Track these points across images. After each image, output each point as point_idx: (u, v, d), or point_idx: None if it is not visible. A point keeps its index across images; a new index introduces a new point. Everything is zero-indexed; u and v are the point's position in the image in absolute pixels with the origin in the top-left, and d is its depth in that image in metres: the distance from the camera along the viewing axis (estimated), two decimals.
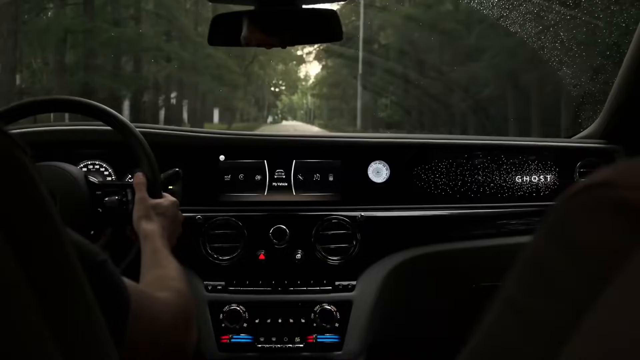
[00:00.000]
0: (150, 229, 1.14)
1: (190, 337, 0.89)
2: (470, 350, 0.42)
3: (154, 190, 1.25)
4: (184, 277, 1.02)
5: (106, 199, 1.31)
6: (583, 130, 1.88)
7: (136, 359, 0.70)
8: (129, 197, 1.31)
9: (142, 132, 1.33)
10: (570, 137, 1.92)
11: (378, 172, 1.63)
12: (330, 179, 1.60)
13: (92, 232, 1.30)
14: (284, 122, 36.74)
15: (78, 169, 1.35)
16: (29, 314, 0.43)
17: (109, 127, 1.32)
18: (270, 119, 35.91)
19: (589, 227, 0.33)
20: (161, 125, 1.63)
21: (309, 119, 38.26)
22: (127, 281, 0.73)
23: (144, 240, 1.12)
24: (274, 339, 1.48)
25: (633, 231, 0.31)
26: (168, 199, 1.27)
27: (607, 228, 0.32)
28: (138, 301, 0.72)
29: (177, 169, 1.42)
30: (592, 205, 0.34)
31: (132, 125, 1.32)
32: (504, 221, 1.65)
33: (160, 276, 0.99)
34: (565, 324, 0.33)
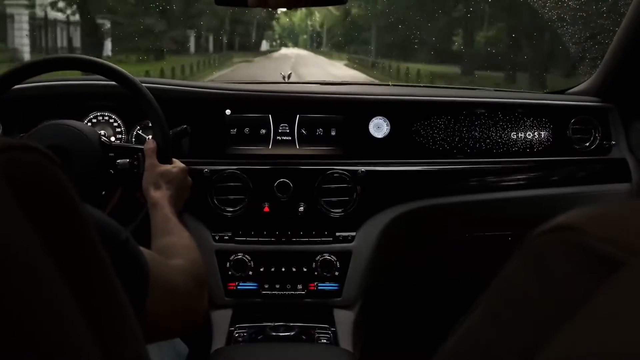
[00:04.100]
0: (158, 196, 1.19)
1: (203, 303, 0.93)
2: (449, 349, 0.46)
3: (164, 157, 1.30)
4: (195, 244, 1.06)
5: (118, 160, 1.35)
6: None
7: (152, 326, 0.72)
8: (140, 161, 1.35)
9: (148, 88, 1.36)
10: (564, 91, 1.96)
11: (379, 127, 1.68)
12: (333, 133, 1.65)
13: (103, 192, 1.35)
14: (283, 50, 30.54)
15: (92, 129, 1.39)
16: (62, 301, 0.45)
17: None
18: (265, 45, 30.07)
19: (556, 263, 0.37)
20: (167, 80, 1.66)
21: (313, 45, 32.13)
22: (144, 250, 0.77)
23: (152, 207, 1.17)
24: (277, 286, 1.58)
25: (592, 276, 0.35)
26: (177, 165, 1.32)
27: (572, 268, 0.36)
28: (154, 268, 0.76)
29: (185, 126, 1.46)
30: (560, 245, 0.38)
31: (139, 81, 1.36)
32: (498, 176, 1.71)
33: (173, 243, 1.03)
34: (539, 336, 0.37)
